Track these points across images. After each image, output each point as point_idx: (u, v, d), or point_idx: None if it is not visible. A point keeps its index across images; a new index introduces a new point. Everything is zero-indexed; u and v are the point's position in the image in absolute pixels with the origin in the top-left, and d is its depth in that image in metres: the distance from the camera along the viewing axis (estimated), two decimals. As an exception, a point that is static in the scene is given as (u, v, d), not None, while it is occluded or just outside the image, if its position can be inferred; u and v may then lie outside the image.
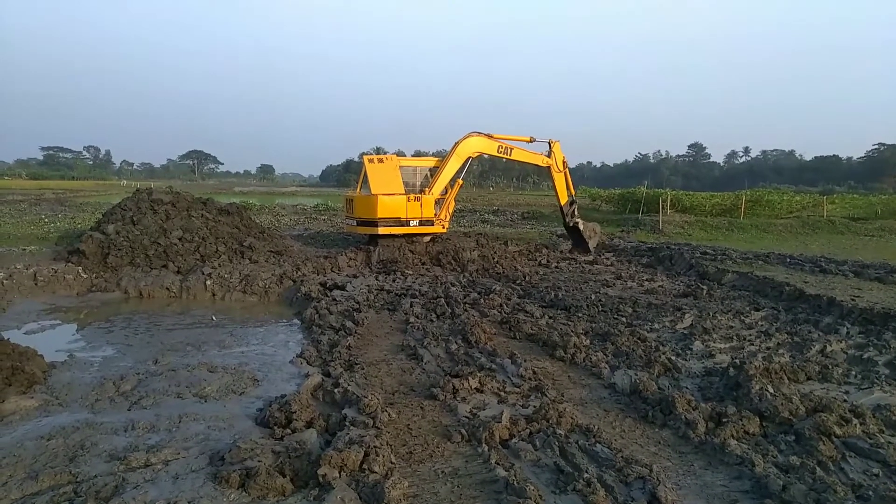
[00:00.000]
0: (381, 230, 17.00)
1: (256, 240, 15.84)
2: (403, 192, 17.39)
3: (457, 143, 18.05)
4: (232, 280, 12.97)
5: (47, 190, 56.57)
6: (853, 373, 7.29)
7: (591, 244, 19.61)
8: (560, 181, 19.63)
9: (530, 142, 19.04)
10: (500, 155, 18.96)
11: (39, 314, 10.76)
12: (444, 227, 18.27)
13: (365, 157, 18.69)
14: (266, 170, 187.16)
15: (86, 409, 5.97)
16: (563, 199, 19.79)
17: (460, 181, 18.96)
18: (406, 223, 17.20)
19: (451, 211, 18.82)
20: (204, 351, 8.44)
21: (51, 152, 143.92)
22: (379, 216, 16.90)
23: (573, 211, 19.83)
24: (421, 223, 17.43)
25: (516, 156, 19.11)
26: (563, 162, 19.55)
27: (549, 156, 19.33)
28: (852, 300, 10.96)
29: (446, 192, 18.32)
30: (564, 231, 20.62)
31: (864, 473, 4.69)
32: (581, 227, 19.69)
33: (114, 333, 9.55)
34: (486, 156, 19.45)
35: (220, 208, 16.66)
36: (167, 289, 12.77)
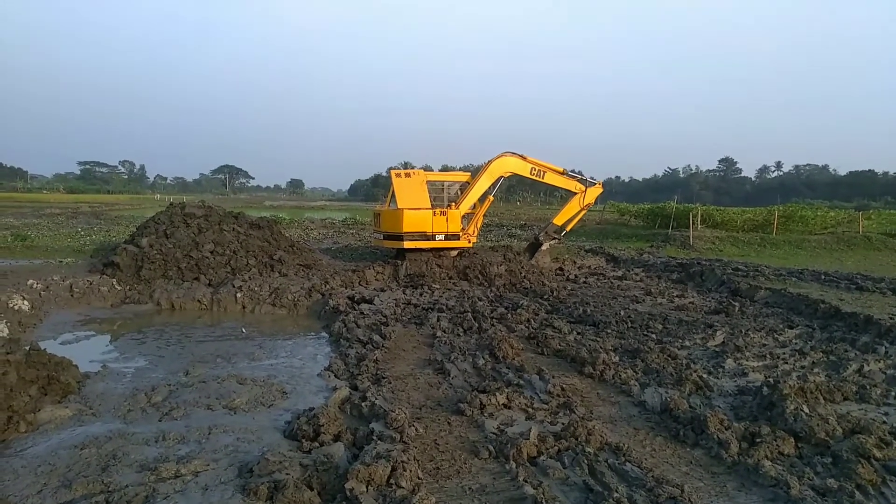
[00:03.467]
0: (407, 244, 17.09)
1: (286, 253, 16.01)
2: (430, 206, 17.45)
3: (490, 162, 18.12)
4: (262, 293, 13.10)
5: (84, 203, 58.00)
6: (893, 393, 7.09)
7: (534, 258, 19.39)
8: (572, 210, 19.52)
9: (562, 173, 19.02)
10: (533, 177, 18.86)
11: (75, 325, 10.98)
12: (470, 242, 18.26)
13: (392, 172, 18.82)
14: (296, 184, 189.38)
15: (118, 420, 6.07)
16: (560, 222, 19.78)
17: (491, 197, 19.06)
18: (432, 237, 17.24)
19: (479, 226, 18.85)
20: (234, 363, 8.53)
21: (88, 167, 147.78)
22: (405, 230, 17.00)
23: (553, 239, 19.91)
24: (447, 237, 17.45)
25: (549, 179, 18.99)
26: (588, 204, 19.58)
27: (585, 186, 19.16)
28: (890, 318, 10.68)
29: (475, 208, 18.38)
30: (539, 235, 20.45)
31: (905, 498, 4.54)
32: (544, 248, 19.73)
33: (146, 345, 9.70)
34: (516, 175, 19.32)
35: (251, 222, 16.89)
36: (199, 301, 12.95)
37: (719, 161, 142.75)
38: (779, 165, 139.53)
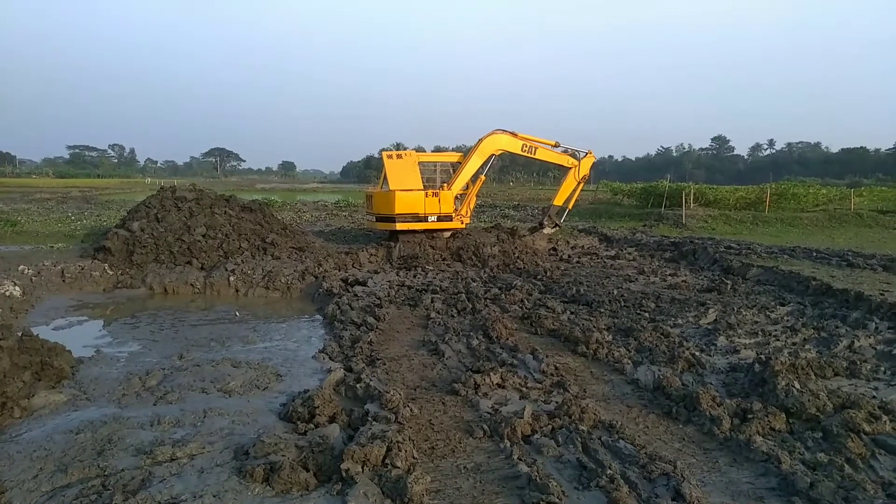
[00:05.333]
0: (399, 226, 17.11)
1: (279, 236, 15.96)
2: (422, 187, 17.40)
3: (480, 140, 18.03)
4: (255, 276, 13.08)
5: (74, 188, 57.47)
6: (882, 369, 7.17)
7: (533, 236, 19.48)
8: (569, 186, 19.56)
9: (555, 146, 18.98)
10: (524, 154, 18.82)
11: (67, 310, 10.94)
12: (462, 223, 18.24)
13: (384, 154, 18.72)
14: (287, 167, 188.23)
15: (113, 404, 6.07)
16: (560, 201, 19.82)
17: (483, 177, 18.95)
18: (424, 219, 17.24)
19: (472, 207, 18.81)
20: (228, 346, 8.53)
21: (77, 151, 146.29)
22: (397, 212, 17.00)
23: (555, 223, 19.86)
24: (439, 219, 17.43)
25: (541, 155, 18.93)
26: (584, 176, 19.56)
27: (578, 159, 19.19)
28: (881, 295, 10.75)
29: (468, 188, 18.32)
30: (542, 219, 20.44)
31: (894, 471, 4.60)
32: (545, 232, 19.79)
33: (139, 329, 9.68)
34: (508, 153, 19.28)
35: (242, 205, 16.82)
36: (191, 285, 12.92)
37: (712, 139, 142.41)
38: (771, 143, 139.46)
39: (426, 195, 17.21)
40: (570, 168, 19.20)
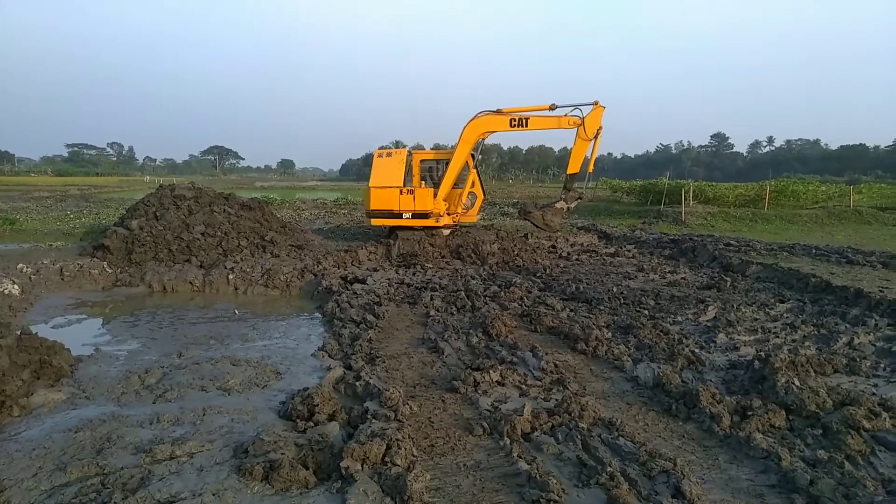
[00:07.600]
0: (374, 221, 17.65)
1: (278, 234, 15.96)
2: (401, 184, 17.33)
3: (464, 128, 16.92)
4: (254, 274, 13.06)
5: (72, 186, 57.39)
6: (882, 365, 7.16)
7: (542, 210, 17.41)
8: (581, 148, 16.60)
9: (551, 110, 16.63)
10: (515, 128, 16.99)
11: (66, 309, 10.92)
12: (437, 221, 17.41)
13: (376, 151, 18.72)
14: (286, 164, 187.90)
15: (112, 402, 6.06)
16: (575, 168, 16.99)
17: (474, 170, 18.01)
18: (398, 215, 17.30)
19: (466, 202, 18.10)
20: (227, 344, 8.52)
21: (76, 149, 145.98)
22: (371, 208, 17.34)
23: (577, 195, 17.53)
24: (414, 216, 17.30)
25: (533, 125, 17.06)
26: (598, 130, 16.40)
27: (581, 117, 16.41)
28: (880, 291, 10.75)
29: (466, 183, 17.83)
30: (562, 194, 17.64)
31: (894, 468, 4.60)
32: (558, 206, 17.20)
33: (138, 327, 9.67)
34: (495, 138, 18.24)
35: (241, 203, 16.80)
36: (190, 283, 12.90)
37: (711, 137, 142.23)
38: (770, 140, 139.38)
39: (401, 192, 17.20)
40: (576, 129, 16.60)
